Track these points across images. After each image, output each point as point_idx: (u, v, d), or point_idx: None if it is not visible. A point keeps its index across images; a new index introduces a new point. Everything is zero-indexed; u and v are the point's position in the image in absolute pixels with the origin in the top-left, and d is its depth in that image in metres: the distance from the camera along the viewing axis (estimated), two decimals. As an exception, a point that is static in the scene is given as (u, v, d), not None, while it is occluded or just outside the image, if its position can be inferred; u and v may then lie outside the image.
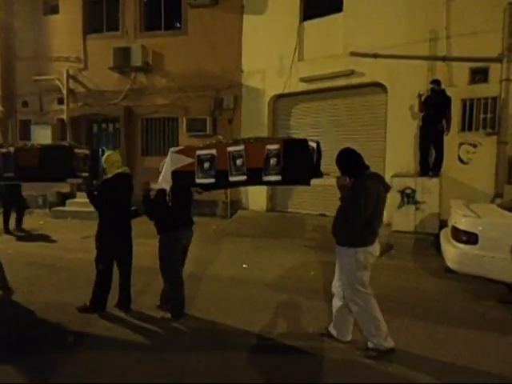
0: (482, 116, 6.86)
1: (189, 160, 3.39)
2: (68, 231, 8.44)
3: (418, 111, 7.09)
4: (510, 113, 6.58)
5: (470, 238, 4.30)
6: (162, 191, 3.66)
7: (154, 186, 3.75)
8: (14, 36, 11.26)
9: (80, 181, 4.11)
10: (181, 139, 10.10)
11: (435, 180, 6.68)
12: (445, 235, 5.05)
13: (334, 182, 3.21)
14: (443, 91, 6.68)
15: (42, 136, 10.80)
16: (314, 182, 3.18)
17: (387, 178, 7.44)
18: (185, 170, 3.40)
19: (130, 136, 10.55)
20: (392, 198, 7.12)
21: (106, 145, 11.18)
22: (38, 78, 10.91)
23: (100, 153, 4.33)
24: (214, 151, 3.32)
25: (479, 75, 6.90)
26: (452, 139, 6.93)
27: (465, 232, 4.36)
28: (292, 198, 9.27)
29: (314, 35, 8.52)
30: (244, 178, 3.21)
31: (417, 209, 6.84)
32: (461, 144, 7.03)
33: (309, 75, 8.41)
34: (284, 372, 3.05)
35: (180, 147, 3.62)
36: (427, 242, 6.49)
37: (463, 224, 4.41)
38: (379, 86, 7.81)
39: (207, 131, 9.53)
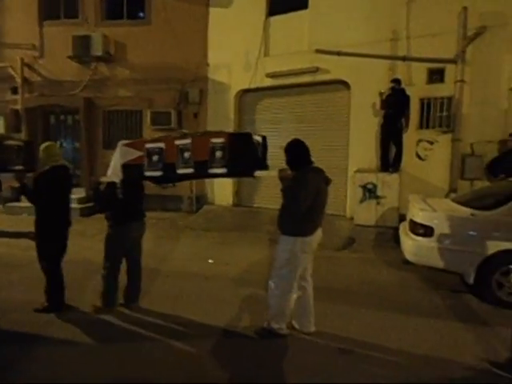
0: (438, 114, 7.21)
1: (138, 153, 3.44)
2: (23, 228, 8.03)
3: (379, 109, 7.33)
4: (463, 112, 6.94)
5: (426, 231, 4.52)
6: (111, 184, 3.64)
7: (104, 179, 3.73)
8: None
9: (12, 175, 3.91)
10: (145, 132, 9.86)
11: (395, 175, 6.96)
12: (403, 228, 5.28)
13: (276, 174, 3.35)
14: (403, 90, 6.94)
15: (-6, 127, 10.22)
16: (258, 173, 3.31)
17: (350, 174, 7.71)
18: (134, 163, 3.44)
19: (91, 129, 10.15)
20: (354, 193, 7.37)
21: (65, 137, 10.73)
22: (-12, 65, 10.25)
23: (58, 146, 4.16)
24: (162, 144, 3.38)
25: (436, 75, 7.23)
26: (411, 136, 7.22)
27: (421, 225, 4.58)
28: (258, 192, 9.33)
29: (280, 31, 8.57)
30: (191, 170, 3.30)
31: (378, 203, 7.10)
32: (419, 141, 7.35)
33: (274, 71, 8.45)
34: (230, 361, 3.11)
35: (129, 140, 3.66)
36: (387, 235, 6.76)
37: (420, 217, 4.63)
38: (343, 84, 7.99)
39: (172, 125, 9.36)
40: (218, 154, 3.19)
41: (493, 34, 6.70)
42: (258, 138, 3.42)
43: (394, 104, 6.89)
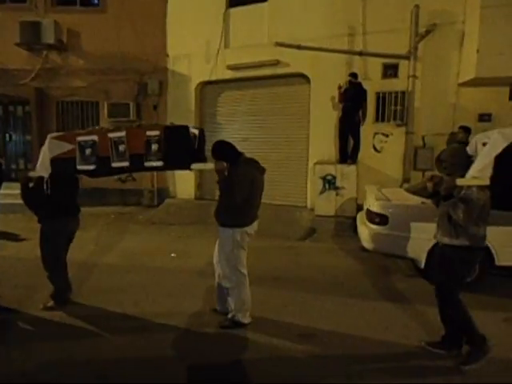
0: (393, 108, 7.50)
1: (69, 146, 3.37)
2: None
3: (338, 102, 7.52)
4: (416, 106, 7.27)
5: (382, 220, 4.75)
6: (40, 179, 3.54)
7: (33, 174, 3.64)
8: None
9: None
10: (102, 125, 9.52)
11: (353, 167, 7.20)
12: (360, 218, 5.50)
13: (212, 166, 3.38)
14: (360, 84, 7.16)
15: None
16: (194, 166, 3.37)
17: (310, 165, 7.89)
18: (65, 157, 3.38)
19: (44, 120, 9.65)
20: (314, 184, 7.55)
21: (15, 130, 10.14)
22: None
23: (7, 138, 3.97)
24: (95, 137, 3.34)
25: (391, 70, 7.51)
26: (367, 129, 7.48)
27: (377, 214, 4.80)
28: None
29: (240, 23, 8.53)
30: (127, 163, 3.29)
31: (337, 194, 7.32)
32: (375, 134, 7.63)
33: (235, 63, 8.42)
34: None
35: (60, 133, 3.60)
36: (346, 225, 7.00)
37: (375, 207, 4.84)
38: (303, 77, 8.10)
39: (131, 117, 9.10)
40: (154, 146, 3.21)
41: (442, 32, 7.03)
42: (195, 131, 3.46)
43: (352, 97, 7.09)
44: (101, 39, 9.29)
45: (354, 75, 7.16)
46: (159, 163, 3.24)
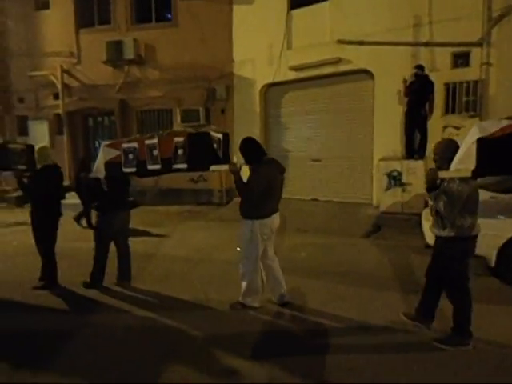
0: (464, 99, 7.12)
1: (117, 152, 4.00)
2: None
3: (403, 96, 7.32)
4: (490, 95, 6.82)
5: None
6: (97, 179, 4.22)
7: (92, 176, 4.31)
8: (6, 33, 11.38)
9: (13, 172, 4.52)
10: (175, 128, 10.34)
11: (420, 162, 6.96)
12: (425, 214, 5.35)
13: (227, 167, 3.71)
14: (426, 76, 6.91)
15: (39, 131, 11.07)
16: (213, 168, 3.78)
17: (375, 162, 7.78)
18: (115, 161, 4.01)
19: (126, 128, 10.76)
20: (379, 181, 7.44)
21: (102, 137, 11.42)
22: (32, 73, 11.07)
23: (49, 147, 4.89)
24: (135, 144, 3.93)
25: (461, 59, 7.13)
26: (436, 122, 7.18)
27: (441, 210, 4.66)
28: (286, 184, 9.54)
29: (302, 24, 8.69)
30: (159, 166, 3.83)
31: (403, 190, 7.14)
32: (445, 127, 7.28)
33: (297, 64, 8.61)
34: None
35: (111, 141, 4.31)
36: (412, 222, 6.78)
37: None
38: (366, 73, 8.02)
39: (201, 121, 9.76)
40: (180, 151, 3.68)
41: (520, 14, 6.52)
42: (219, 135, 3.77)
43: (418, 91, 6.87)
44: (173, 51, 10.10)
45: (420, 67, 6.93)
46: (184, 165, 3.72)
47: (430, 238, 4.86)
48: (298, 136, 9.21)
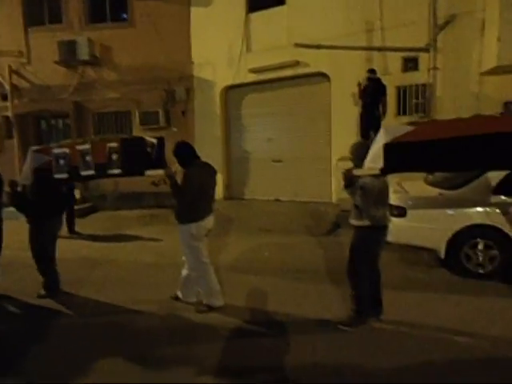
0: (414, 101, 7.54)
1: (46, 158, 3.92)
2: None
3: (358, 98, 7.62)
4: (437, 98, 7.26)
5: (400, 212, 4.86)
6: (24, 186, 4.16)
7: (20, 182, 4.22)
8: None
9: None
10: (135, 133, 10.12)
11: (375, 162, 7.27)
12: (381, 211, 5.60)
13: (162, 172, 3.76)
14: (379, 79, 7.23)
15: (-13, 134, 10.43)
16: (148, 173, 3.75)
17: (333, 162, 8.03)
18: (44, 167, 3.92)
19: (82, 132, 10.37)
20: (338, 180, 7.67)
21: (57, 141, 10.89)
22: (-23, 74, 10.43)
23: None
24: (67, 150, 3.88)
25: (411, 64, 7.54)
26: (389, 123, 7.47)
27: (396, 207, 4.91)
28: (248, 185, 9.65)
29: (260, 27, 8.82)
30: (92, 172, 3.80)
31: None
32: (397, 127, 7.64)
33: (257, 66, 8.72)
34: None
35: (39, 146, 4.24)
36: (370, 219, 7.09)
37: (394, 200, 4.94)
38: (323, 76, 8.28)
39: (161, 124, 9.62)
40: (114, 156, 3.69)
41: (462, 21, 7.00)
42: (153, 140, 3.83)
43: (372, 93, 7.19)
44: (130, 52, 9.88)
45: (372, 71, 7.25)
46: (118, 171, 3.73)
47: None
48: (259, 137, 9.32)
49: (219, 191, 9.70)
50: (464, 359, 3.03)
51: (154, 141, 3.80)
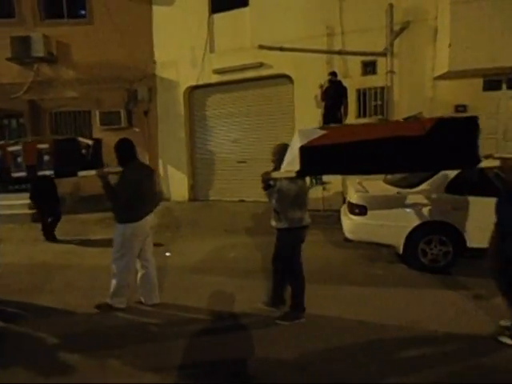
0: (373, 103, 7.82)
1: None
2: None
3: (320, 100, 7.81)
4: (395, 100, 7.56)
5: (361, 210, 5.03)
6: None
7: None
8: None
9: None
10: (95, 133, 9.78)
11: (337, 162, 7.47)
12: (343, 210, 5.78)
13: (94, 173, 3.78)
14: (339, 82, 7.44)
15: None
16: (81, 174, 3.82)
17: (297, 163, 8.15)
18: None
19: (38, 131, 9.90)
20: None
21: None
22: None
23: None
24: None
25: (369, 67, 7.82)
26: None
27: (356, 205, 5.08)
28: (213, 186, 9.60)
29: (224, 28, 8.82)
30: (24, 173, 3.77)
31: (324, 189, 7.61)
32: (358, 129, 7.90)
33: (220, 67, 8.72)
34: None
35: None
36: (333, 218, 7.26)
37: (355, 198, 5.12)
38: (286, 78, 8.40)
39: (122, 124, 9.39)
40: (46, 158, 3.67)
41: (416, 28, 7.35)
42: (89, 141, 3.89)
43: (333, 95, 7.38)
44: (90, 50, 9.56)
45: (333, 74, 7.45)
46: (51, 172, 3.72)
47: (348, 233, 5.29)
48: (224, 138, 9.31)
49: (184, 193, 9.61)
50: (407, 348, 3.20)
51: (90, 142, 3.85)
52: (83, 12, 9.88)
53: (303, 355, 3.11)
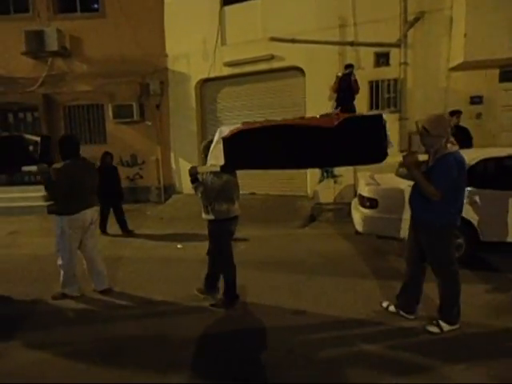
0: (386, 96, 7.71)
1: None
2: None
3: (333, 92, 7.73)
4: (408, 92, 7.46)
5: (372, 203, 5.00)
6: None
7: None
8: None
9: None
10: (108, 126, 9.95)
11: (349, 155, 7.42)
12: (354, 203, 5.76)
13: (36, 168, 3.91)
14: (349, 74, 7.30)
15: (-50, 128, 9.96)
16: (25, 169, 4.03)
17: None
18: None
19: (52, 125, 10.08)
20: (314, 174, 7.82)
21: (26, 135, 10.59)
22: None
23: None
24: None
25: (382, 59, 7.70)
26: (362, 117, 7.68)
27: (367, 198, 5.06)
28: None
29: (235, 20, 8.78)
30: None
31: (335, 182, 7.59)
32: (370, 121, 7.81)
33: (232, 60, 8.70)
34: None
35: None
36: (344, 211, 7.25)
37: (366, 191, 5.10)
38: (298, 70, 8.34)
39: (134, 117, 9.48)
40: None
41: (431, 18, 7.20)
42: (36, 138, 3.99)
43: (344, 88, 7.30)
44: (102, 44, 9.64)
45: (349, 66, 7.34)
46: None
47: (359, 225, 5.27)
48: (235, 131, 9.31)
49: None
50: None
51: (37, 139, 3.96)
52: (96, 6, 9.95)
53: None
